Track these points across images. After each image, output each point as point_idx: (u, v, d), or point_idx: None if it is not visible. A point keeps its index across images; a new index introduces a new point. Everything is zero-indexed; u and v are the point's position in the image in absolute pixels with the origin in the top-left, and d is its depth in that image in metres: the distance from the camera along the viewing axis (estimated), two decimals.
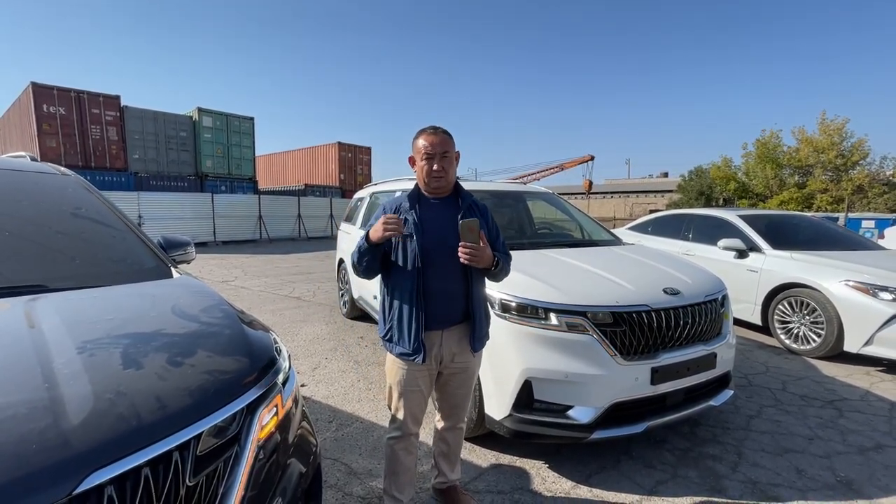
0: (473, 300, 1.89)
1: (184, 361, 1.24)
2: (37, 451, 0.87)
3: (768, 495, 2.32)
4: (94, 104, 16.18)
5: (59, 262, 1.80)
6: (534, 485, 2.38)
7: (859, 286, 4.21)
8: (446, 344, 1.89)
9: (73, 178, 2.36)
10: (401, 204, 1.91)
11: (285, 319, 5.77)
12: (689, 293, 2.64)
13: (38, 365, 1.09)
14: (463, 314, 1.90)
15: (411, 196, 1.91)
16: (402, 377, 1.90)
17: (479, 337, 1.93)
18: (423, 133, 1.88)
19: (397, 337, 1.88)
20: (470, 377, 2.02)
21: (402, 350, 1.86)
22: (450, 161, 1.87)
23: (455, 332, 1.90)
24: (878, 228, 12.65)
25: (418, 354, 1.83)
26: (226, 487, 1.10)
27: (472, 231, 1.72)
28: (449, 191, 1.95)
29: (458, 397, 2.04)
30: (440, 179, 1.86)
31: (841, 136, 21.73)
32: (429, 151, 1.84)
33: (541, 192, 4.55)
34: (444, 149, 1.85)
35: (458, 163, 1.96)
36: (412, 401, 1.93)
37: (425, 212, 1.88)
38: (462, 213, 1.87)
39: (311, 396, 3.44)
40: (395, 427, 1.98)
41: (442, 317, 1.86)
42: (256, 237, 18.74)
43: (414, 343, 1.83)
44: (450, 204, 1.93)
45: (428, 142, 1.84)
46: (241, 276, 9.55)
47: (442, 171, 1.84)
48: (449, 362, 1.92)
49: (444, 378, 1.99)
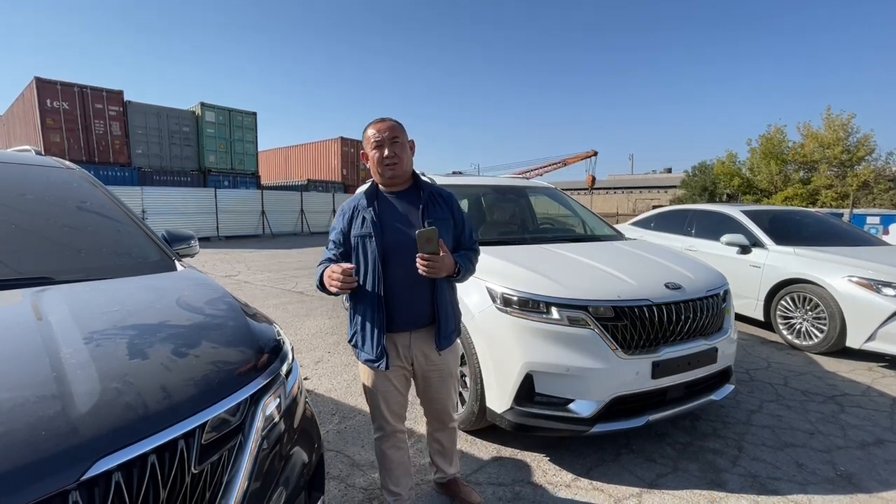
0: (439, 299, 1.81)
1: (189, 352, 1.26)
2: (46, 437, 0.89)
3: (768, 489, 2.34)
4: (98, 99, 16.21)
5: (65, 254, 1.82)
6: (535, 477, 2.40)
7: (862, 282, 4.20)
8: (416, 345, 1.84)
9: (78, 171, 2.37)
10: (358, 202, 1.84)
11: (288, 314, 5.79)
12: (690, 288, 2.65)
13: (46, 355, 1.10)
14: (431, 315, 1.82)
15: (368, 193, 1.83)
16: (375, 380, 1.86)
17: (445, 335, 1.85)
18: (372, 123, 1.81)
19: (361, 342, 1.83)
20: (447, 377, 1.95)
21: (366, 357, 1.82)
22: (402, 146, 1.78)
23: (424, 333, 1.84)
24: (883, 224, 12.57)
25: (381, 360, 1.78)
26: (230, 476, 1.12)
27: (430, 241, 1.62)
28: (407, 181, 1.86)
29: (440, 401, 1.98)
30: (394, 167, 1.76)
31: (846, 132, 21.53)
32: (377, 139, 1.76)
33: (543, 188, 4.55)
34: (394, 134, 1.76)
35: (414, 152, 1.88)
36: (389, 400, 1.89)
37: (384, 208, 1.80)
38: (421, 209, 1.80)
39: (314, 390, 3.46)
40: (378, 427, 1.95)
41: (408, 318, 1.79)
42: (259, 232, 18.78)
43: (377, 349, 1.77)
44: (410, 197, 1.84)
45: (376, 129, 1.77)
46: (244, 270, 9.59)
47: (394, 156, 1.75)
48: (423, 363, 1.87)
49: (422, 381, 1.94)
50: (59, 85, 15.46)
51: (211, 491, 1.08)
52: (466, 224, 1.93)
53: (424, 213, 1.80)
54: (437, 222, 1.78)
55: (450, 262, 1.71)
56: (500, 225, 4.04)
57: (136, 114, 17.27)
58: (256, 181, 20.93)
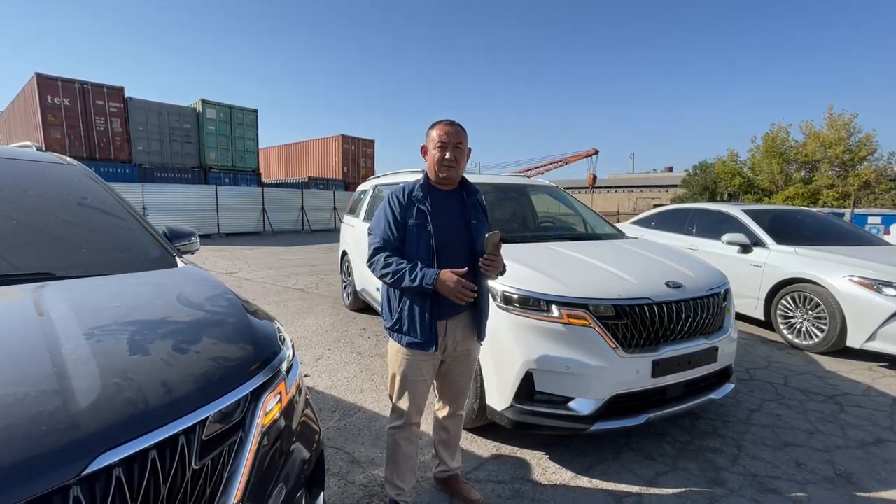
0: (481, 291, 1.92)
1: (189, 348, 1.26)
2: (47, 432, 0.89)
3: (767, 488, 2.34)
4: (98, 95, 16.20)
5: (66, 250, 1.82)
6: (534, 475, 2.41)
7: (863, 282, 4.20)
8: (451, 333, 1.93)
9: (79, 167, 2.37)
10: (413, 192, 1.92)
11: (289, 311, 5.80)
12: (691, 287, 2.65)
13: (47, 350, 1.11)
14: (468, 304, 1.92)
15: (423, 186, 1.94)
16: (407, 367, 1.93)
17: (485, 325, 2.01)
18: (439, 123, 1.92)
19: (407, 327, 1.88)
20: (471, 364, 2.08)
21: (412, 340, 1.88)
22: (462, 152, 1.91)
23: (460, 321, 1.94)
24: (885, 224, 12.54)
25: (432, 344, 1.86)
26: (230, 472, 1.12)
27: (496, 244, 1.79)
28: (456, 183, 1.99)
29: (459, 384, 2.09)
30: (451, 169, 1.89)
31: (848, 131, 21.47)
32: (443, 140, 1.87)
33: (544, 186, 4.54)
34: (458, 140, 1.89)
35: (469, 158, 2.00)
36: (416, 390, 1.96)
37: (436, 204, 1.92)
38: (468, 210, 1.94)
39: (315, 387, 3.47)
40: (398, 416, 2.00)
41: (451, 307, 1.88)
42: (260, 229, 18.77)
43: (426, 333, 1.86)
44: (456, 197, 1.98)
45: (443, 131, 1.89)
46: (244, 267, 9.59)
47: (454, 160, 1.88)
48: (452, 350, 1.97)
49: (446, 366, 2.02)
50: (59, 81, 15.45)
51: (211, 487, 1.08)
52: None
53: (468, 214, 1.96)
54: (478, 224, 1.96)
55: (502, 263, 1.89)
56: (501, 223, 4.03)
57: (137, 110, 17.26)
58: (257, 178, 20.92)
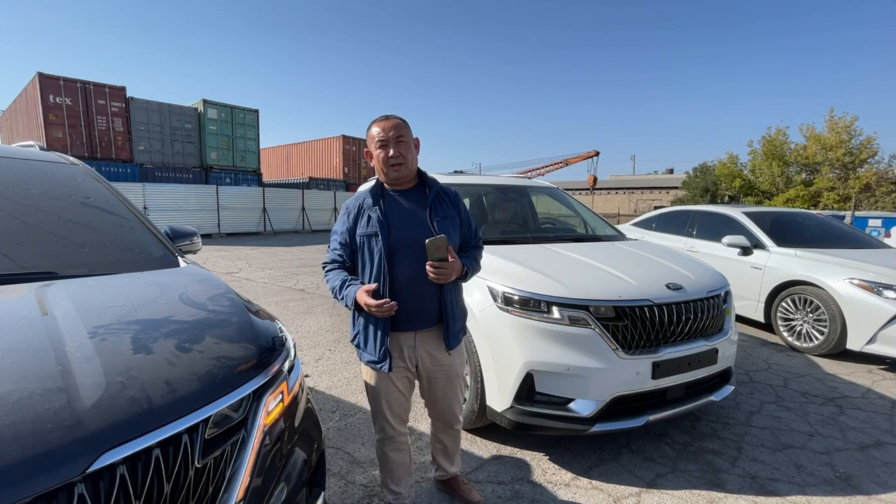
0: (445, 298, 1.79)
1: (192, 348, 1.26)
2: (51, 430, 0.90)
3: (767, 490, 2.34)
4: (100, 95, 16.24)
5: (69, 249, 1.82)
6: (534, 476, 2.41)
7: (863, 284, 4.20)
8: (421, 345, 1.81)
9: (82, 167, 2.38)
10: (363, 200, 1.80)
11: (289, 311, 5.81)
12: (691, 288, 2.65)
13: (52, 349, 1.11)
14: (438, 314, 1.80)
15: (374, 191, 1.80)
16: (378, 382, 1.83)
17: (453, 334, 1.83)
18: (375, 121, 1.79)
19: (364, 343, 1.79)
20: (453, 378, 1.92)
21: (369, 358, 1.79)
22: (407, 146, 1.76)
23: (431, 333, 1.82)
24: (885, 227, 12.54)
25: (384, 362, 1.74)
26: (233, 470, 1.13)
27: (440, 249, 1.63)
28: (412, 180, 1.84)
29: (445, 402, 1.95)
30: (399, 167, 1.75)
31: (849, 134, 21.49)
32: (382, 138, 1.74)
33: (545, 187, 4.55)
34: (399, 133, 1.74)
35: (419, 150, 1.85)
36: (391, 403, 1.85)
37: (390, 207, 1.78)
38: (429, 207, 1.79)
39: (315, 387, 3.47)
40: (379, 429, 1.92)
41: (414, 318, 1.76)
42: (260, 229, 18.80)
43: (380, 350, 1.74)
44: (416, 195, 1.82)
45: (380, 127, 1.75)
46: (245, 267, 9.60)
47: (399, 156, 1.73)
48: (429, 364, 1.84)
49: (426, 382, 1.90)
50: (61, 80, 15.48)
51: (214, 485, 1.09)
52: (472, 221, 1.93)
53: (432, 212, 1.79)
54: (444, 220, 1.79)
55: (458, 266, 1.73)
56: (502, 224, 4.05)
57: (139, 110, 17.29)
58: (258, 178, 20.95)
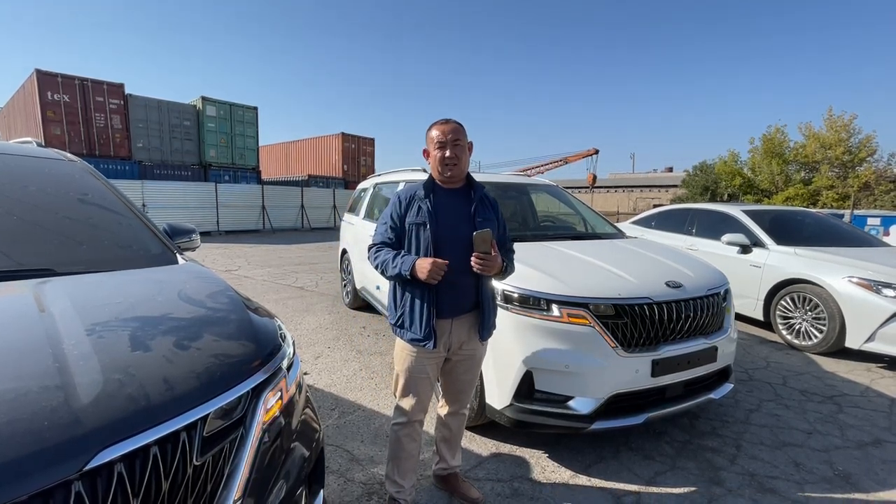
0: (483, 291, 1.94)
1: (191, 345, 1.26)
2: (49, 428, 0.89)
3: (766, 488, 2.34)
4: (99, 92, 16.15)
5: (67, 246, 1.82)
6: (533, 473, 2.41)
7: (862, 283, 4.20)
8: (455, 332, 1.94)
9: (80, 164, 2.37)
10: (416, 192, 1.95)
11: (288, 309, 5.80)
12: (691, 287, 2.65)
13: (49, 346, 1.11)
14: (472, 304, 1.95)
15: (426, 185, 1.96)
16: (412, 364, 1.94)
17: (487, 326, 1.98)
18: (436, 124, 1.94)
19: (409, 323, 1.91)
20: (477, 364, 2.08)
21: (413, 336, 1.90)
22: (462, 149, 1.91)
23: (465, 321, 1.95)
24: (884, 226, 12.56)
25: (429, 340, 1.87)
26: (231, 468, 1.13)
27: (485, 242, 1.77)
28: (462, 181, 2.00)
29: (463, 382, 2.09)
30: (453, 167, 1.90)
31: (848, 133, 21.49)
32: (441, 140, 1.89)
33: (544, 185, 4.54)
34: (456, 137, 1.89)
35: (471, 153, 2.01)
36: (420, 387, 1.97)
37: (439, 202, 1.93)
38: (473, 208, 1.93)
39: (314, 385, 3.47)
40: (401, 413, 2.01)
41: (452, 306, 1.90)
42: (260, 227, 18.76)
43: (425, 329, 1.87)
44: (462, 195, 1.98)
45: (440, 130, 1.90)
46: (244, 265, 9.59)
47: (454, 157, 1.89)
48: (457, 349, 1.98)
49: (450, 364, 2.03)
50: (59, 77, 15.40)
51: (212, 483, 1.08)
52: (506, 227, 2.08)
53: (475, 213, 1.94)
54: (485, 222, 1.93)
55: (500, 261, 1.86)
56: None
57: (137, 107, 17.22)
58: (257, 176, 20.90)
